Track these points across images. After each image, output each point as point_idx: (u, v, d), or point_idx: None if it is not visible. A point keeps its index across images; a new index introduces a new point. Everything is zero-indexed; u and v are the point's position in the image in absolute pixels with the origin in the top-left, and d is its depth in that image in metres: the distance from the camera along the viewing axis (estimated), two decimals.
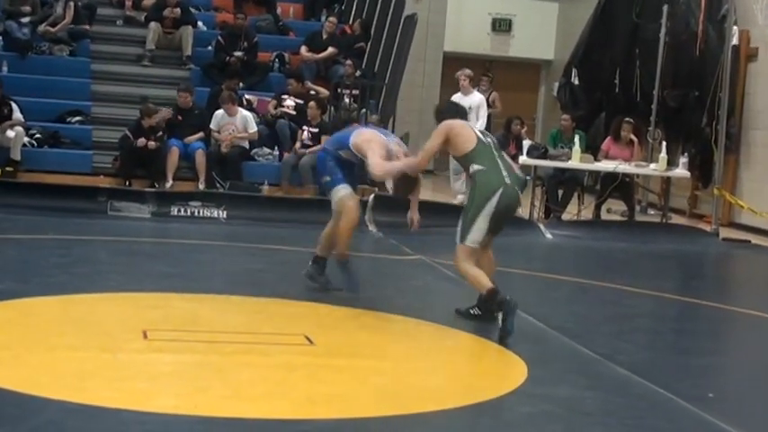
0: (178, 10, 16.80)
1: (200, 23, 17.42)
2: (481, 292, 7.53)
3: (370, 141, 8.27)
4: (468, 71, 15.75)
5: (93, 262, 9.78)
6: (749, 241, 14.06)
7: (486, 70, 19.60)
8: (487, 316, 7.62)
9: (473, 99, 15.26)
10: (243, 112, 15.12)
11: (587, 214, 14.70)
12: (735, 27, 15.23)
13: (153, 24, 16.62)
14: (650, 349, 7.91)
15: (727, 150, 15.08)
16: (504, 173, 7.57)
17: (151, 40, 16.57)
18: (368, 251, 11.60)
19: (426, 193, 16.40)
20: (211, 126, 14.97)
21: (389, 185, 8.70)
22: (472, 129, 7.86)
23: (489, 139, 7.82)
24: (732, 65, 14.89)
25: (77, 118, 15.30)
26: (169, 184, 14.30)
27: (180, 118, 14.79)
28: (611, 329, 8.21)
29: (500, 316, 7.30)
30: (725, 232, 14.33)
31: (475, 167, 7.59)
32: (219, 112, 14.96)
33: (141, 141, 14.24)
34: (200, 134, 14.73)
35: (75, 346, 6.67)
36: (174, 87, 15.74)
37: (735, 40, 15.26)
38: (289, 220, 12.50)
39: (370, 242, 12.13)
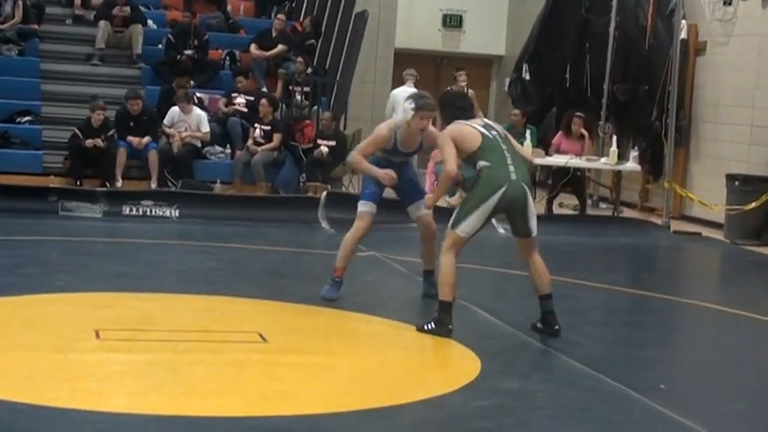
0: (128, 8, 16.68)
1: (149, 22, 17.31)
2: (440, 296, 7.36)
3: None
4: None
5: (44, 262, 9.72)
6: (700, 234, 14.18)
7: (437, 66, 19.64)
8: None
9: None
10: (197, 111, 15.06)
11: (539, 209, 14.69)
12: (683, 21, 15.34)
13: (102, 23, 16.50)
14: (602, 342, 7.96)
15: (677, 144, 15.21)
16: (512, 168, 7.32)
17: (101, 39, 16.45)
18: (320, 248, 11.61)
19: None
20: (164, 122, 14.90)
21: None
22: (474, 126, 7.48)
23: (495, 132, 7.51)
24: (681, 59, 15.01)
25: (27, 118, 15.16)
26: (119, 183, 14.21)
27: (132, 124, 14.66)
28: (564, 323, 8.22)
29: (430, 325, 7.32)
30: (676, 225, 14.44)
31: (481, 164, 7.36)
32: (175, 109, 14.90)
33: (90, 142, 14.14)
34: (148, 138, 14.61)
35: (26, 346, 6.63)
36: (125, 86, 15.64)
37: (683, 35, 15.37)
38: (241, 218, 12.47)
39: (323, 239, 12.12)
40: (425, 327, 7.42)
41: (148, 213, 12.51)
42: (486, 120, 7.77)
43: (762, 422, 6.16)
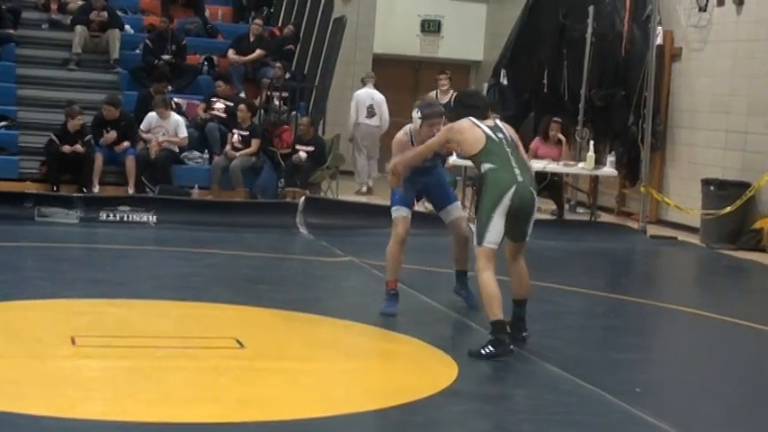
0: (105, 13, 16.63)
1: (127, 26, 17.26)
2: (490, 317, 7.10)
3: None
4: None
5: (21, 268, 9.67)
6: (676, 238, 14.24)
7: (416, 71, 19.68)
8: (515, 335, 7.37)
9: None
10: (174, 116, 15.04)
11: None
12: (659, 27, 15.41)
13: (79, 28, 16.44)
14: (579, 345, 7.99)
15: (653, 149, 15.28)
16: (517, 170, 7.23)
17: (77, 44, 16.39)
18: (298, 253, 11.62)
19: (363, 196, 16.44)
20: (141, 127, 14.87)
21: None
22: (481, 126, 7.35)
23: (501, 135, 7.36)
24: (657, 65, 15.08)
25: (3, 123, 15.10)
26: (96, 189, 14.17)
27: (109, 130, 14.61)
28: (541, 327, 8.27)
29: (488, 348, 7.04)
30: (652, 229, 14.50)
31: (486, 166, 7.27)
32: (152, 114, 14.87)
33: (68, 148, 14.09)
34: (126, 143, 14.58)
35: (2, 353, 6.61)
36: (102, 91, 15.60)
37: (659, 41, 15.45)
38: (219, 224, 12.45)
39: (301, 244, 12.13)
40: (483, 351, 7.02)
41: (125, 219, 12.47)
42: (498, 122, 7.55)
43: (737, 425, 6.19)
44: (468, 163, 14.21)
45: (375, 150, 17.51)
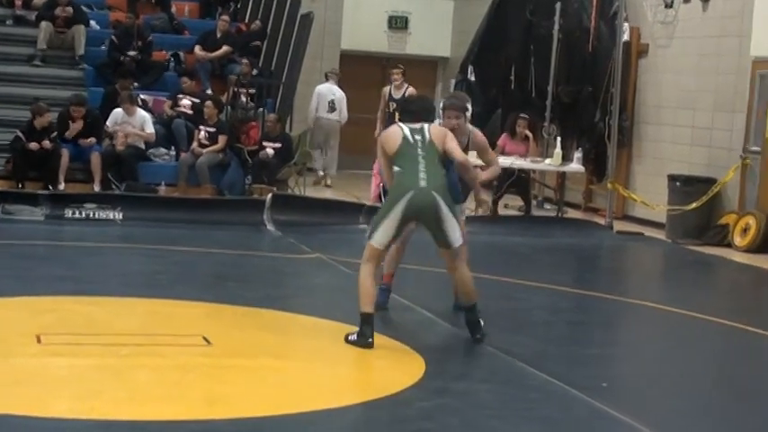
0: (70, 9, 16.53)
1: (92, 22, 17.15)
2: (360, 308, 7.19)
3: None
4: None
5: None
6: (642, 233, 14.32)
7: (383, 68, 19.69)
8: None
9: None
10: (141, 112, 14.96)
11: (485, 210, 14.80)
12: (625, 24, 15.48)
13: (44, 24, 16.33)
14: (545, 341, 8.03)
15: (619, 145, 15.35)
16: (423, 175, 7.22)
17: (42, 40, 16.28)
18: (266, 250, 11.60)
19: (327, 191, 16.44)
20: (107, 124, 14.78)
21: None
22: (403, 129, 7.39)
23: (419, 137, 7.33)
24: (623, 61, 15.15)
25: None
26: (61, 186, 14.08)
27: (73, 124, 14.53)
28: (508, 323, 8.32)
29: (353, 336, 7.18)
30: (619, 225, 14.56)
31: (395, 169, 7.36)
32: (118, 111, 14.78)
33: (34, 145, 13.99)
34: (92, 140, 14.49)
35: None
36: (67, 87, 15.50)
37: (626, 37, 15.52)
38: (186, 221, 12.39)
39: (269, 241, 12.11)
40: (349, 338, 7.21)
41: (91, 216, 12.40)
42: (426, 126, 7.45)
43: (702, 419, 6.24)
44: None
45: (335, 144, 17.85)
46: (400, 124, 7.51)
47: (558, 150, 14.97)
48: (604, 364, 7.40)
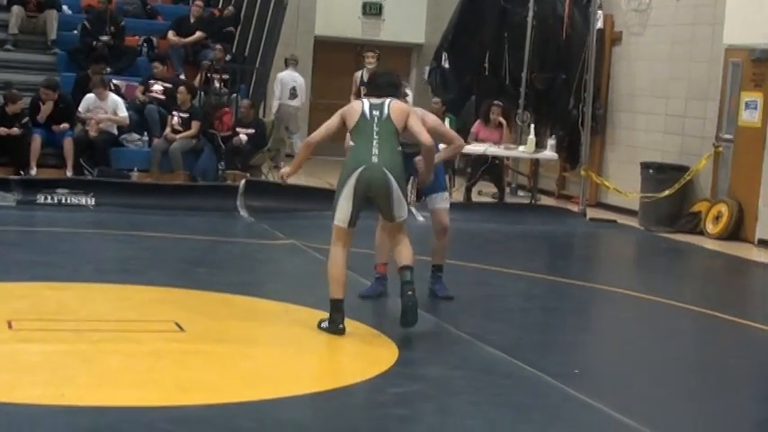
0: None
1: (64, 7, 17.02)
2: (329, 294, 7.20)
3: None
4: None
5: None
6: (615, 221, 14.37)
7: (357, 54, 19.64)
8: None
9: None
10: (113, 96, 14.86)
11: (458, 197, 14.84)
12: (599, 11, 15.53)
13: (15, 8, 16.19)
14: (518, 328, 8.04)
15: (593, 132, 15.40)
16: (375, 151, 7.21)
17: (14, 25, 16.14)
18: (239, 236, 11.57)
19: (300, 177, 16.40)
20: (80, 109, 14.68)
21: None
22: (363, 103, 7.38)
23: (377, 113, 7.30)
24: (597, 49, 15.19)
25: None
26: (33, 171, 14.00)
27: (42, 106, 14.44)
28: (481, 310, 8.34)
29: (324, 323, 7.18)
30: (592, 212, 14.62)
31: (349, 144, 7.40)
32: (90, 95, 14.68)
33: (3, 130, 13.89)
34: (65, 125, 14.41)
35: None
36: (39, 72, 15.39)
37: (600, 24, 15.56)
38: (159, 207, 12.35)
39: (242, 227, 12.08)
40: (321, 325, 7.22)
41: (64, 202, 12.34)
42: (387, 101, 7.37)
43: (674, 405, 6.26)
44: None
45: (297, 129, 18.08)
46: (363, 100, 7.50)
47: (531, 137, 15.00)
48: (577, 351, 7.43)
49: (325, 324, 7.19)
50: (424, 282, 8.30)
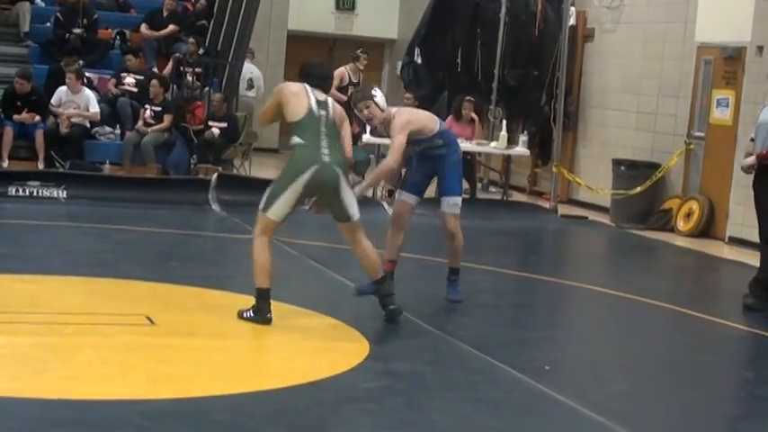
0: None
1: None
2: (256, 284, 7.21)
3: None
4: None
5: None
6: (586, 217, 14.43)
7: (330, 49, 19.63)
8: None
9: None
10: (86, 91, 14.80)
11: (430, 192, 14.81)
12: (572, 8, 15.57)
13: None
14: (490, 324, 8.08)
15: (565, 128, 15.45)
16: (325, 150, 7.18)
17: None
18: (210, 230, 11.56)
19: (271, 172, 16.37)
20: (52, 102, 14.61)
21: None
22: (310, 97, 7.27)
23: (324, 113, 7.26)
24: (569, 45, 15.24)
25: None
26: (5, 163, 13.93)
27: (19, 104, 14.36)
28: (453, 305, 8.35)
29: (249, 313, 7.20)
30: (563, 209, 14.66)
31: (295, 140, 7.25)
32: (63, 88, 14.61)
33: None
34: (37, 117, 14.33)
35: None
36: (11, 65, 15.30)
37: (572, 21, 15.61)
38: (131, 200, 12.32)
39: (213, 221, 12.06)
40: (244, 314, 7.21)
41: (35, 194, 12.29)
42: (330, 100, 7.41)
43: (644, 402, 6.30)
44: (382, 140, 14.28)
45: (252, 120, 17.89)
46: (308, 92, 7.31)
47: (503, 133, 15.03)
48: (547, 347, 7.45)
49: (248, 314, 7.18)
50: (404, 279, 8.30)
